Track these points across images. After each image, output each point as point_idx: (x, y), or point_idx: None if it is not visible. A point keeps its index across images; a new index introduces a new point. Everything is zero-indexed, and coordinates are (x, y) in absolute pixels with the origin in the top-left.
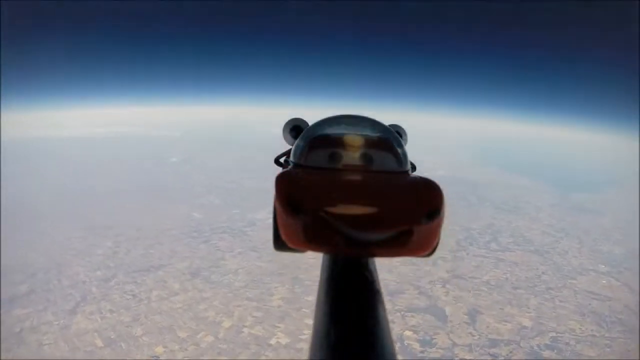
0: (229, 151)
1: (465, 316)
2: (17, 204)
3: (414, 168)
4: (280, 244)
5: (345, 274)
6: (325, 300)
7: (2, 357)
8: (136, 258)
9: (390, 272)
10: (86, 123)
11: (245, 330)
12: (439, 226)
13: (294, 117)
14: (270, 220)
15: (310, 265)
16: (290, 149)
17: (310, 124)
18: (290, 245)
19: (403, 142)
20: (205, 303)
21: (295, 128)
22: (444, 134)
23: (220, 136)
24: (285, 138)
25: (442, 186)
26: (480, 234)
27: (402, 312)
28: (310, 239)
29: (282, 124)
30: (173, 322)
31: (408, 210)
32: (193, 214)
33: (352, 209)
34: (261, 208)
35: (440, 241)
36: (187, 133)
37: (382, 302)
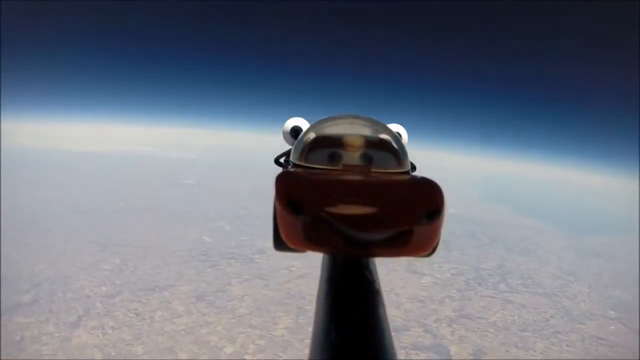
0: (243, 177)
1: (470, 357)
2: (30, 213)
3: (413, 168)
4: (280, 244)
5: (345, 274)
6: (325, 300)
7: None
8: (142, 277)
9: (397, 308)
10: (106, 139)
11: (247, 357)
12: (439, 226)
13: (293, 117)
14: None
15: (315, 296)
16: (290, 149)
17: (310, 124)
18: (290, 245)
19: (403, 142)
20: (209, 327)
21: (295, 128)
22: (457, 171)
23: (235, 161)
24: (285, 138)
25: (442, 187)
26: (490, 275)
27: (407, 349)
28: (310, 239)
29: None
30: (174, 343)
31: (408, 210)
32: (203, 238)
33: (352, 209)
34: (272, 237)
35: (440, 241)
36: (203, 156)
37: (382, 302)
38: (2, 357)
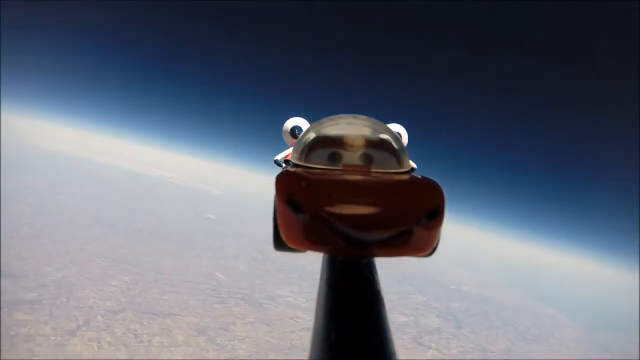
0: (264, 221)
1: None
2: (51, 216)
3: (413, 168)
4: (280, 244)
5: (345, 274)
6: (325, 300)
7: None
8: (148, 300)
9: None
10: (140, 159)
11: None
12: (438, 226)
13: (293, 117)
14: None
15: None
16: (290, 149)
17: (310, 124)
18: (290, 245)
19: (403, 142)
20: None
21: (295, 128)
22: (477, 250)
23: (261, 204)
24: (285, 138)
25: (442, 187)
26: (497, 358)
27: None
28: (310, 239)
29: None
30: None
31: (408, 210)
32: (216, 273)
33: (352, 208)
34: (284, 285)
35: (440, 241)
36: (229, 193)
37: (382, 302)
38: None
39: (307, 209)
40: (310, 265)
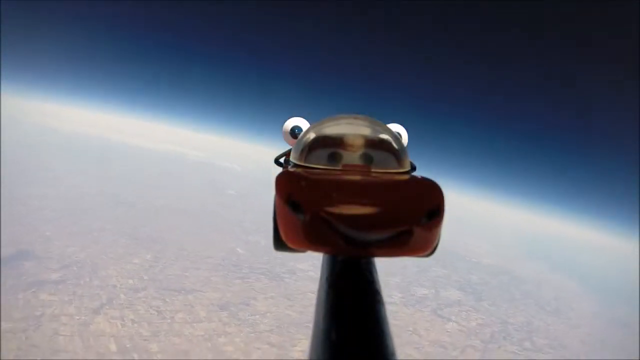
0: None
1: None
2: (73, 197)
3: (413, 168)
4: (280, 244)
5: (345, 274)
6: (325, 300)
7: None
8: (170, 277)
9: (418, 350)
10: (161, 138)
11: None
12: (439, 226)
13: (293, 117)
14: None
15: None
16: (290, 149)
17: (310, 124)
18: (290, 245)
19: (403, 142)
20: (227, 337)
21: (295, 128)
22: (499, 222)
23: None
24: (285, 138)
25: (442, 188)
26: (517, 330)
27: None
28: (310, 239)
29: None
30: (190, 347)
31: (408, 210)
32: (237, 249)
33: (352, 209)
34: (304, 259)
35: (440, 241)
36: (250, 169)
37: (382, 302)
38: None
39: (307, 209)
40: None
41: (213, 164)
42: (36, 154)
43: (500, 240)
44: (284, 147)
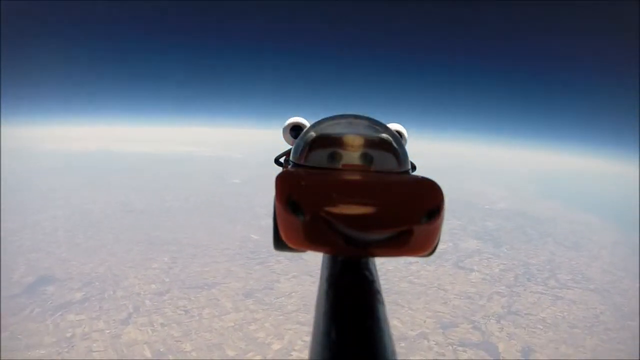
0: None
1: (519, 354)
2: (82, 214)
3: (414, 168)
4: (280, 244)
5: (345, 274)
6: (325, 300)
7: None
8: (191, 275)
9: (445, 304)
10: (153, 140)
11: (294, 354)
12: (439, 226)
13: (293, 116)
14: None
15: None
16: (290, 149)
17: (310, 123)
18: (290, 245)
19: (403, 142)
20: (257, 324)
21: (295, 128)
22: (507, 166)
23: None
24: (285, 138)
25: (442, 188)
26: (539, 270)
27: (454, 346)
28: (310, 239)
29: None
30: (223, 340)
31: (408, 210)
32: (251, 236)
33: (352, 208)
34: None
35: (440, 240)
36: (250, 154)
37: (382, 302)
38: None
39: (307, 209)
40: None
41: (214, 157)
42: (39, 178)
43: (509, 183)
44: (284, 147)
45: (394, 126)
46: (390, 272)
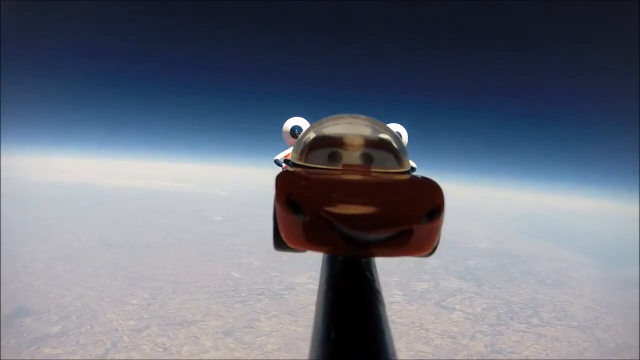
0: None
1: None
2: (62, 247)
3: (413, 168)
4: (280, 243)
5: (345, 274)
6: (325, 300)
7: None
8: (170, 311)
9: (427, 344)
10: (139, 175)
11: None
12: (439, 226)
13: (293, 117)
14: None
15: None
16: (290, 149)
17: (310, 124)
18: (290, 245)
19: (403, 142)
20: None
21: (295, 128)
22: (489, 205)
23: (265, 198)
24: (285, 138)
25: (442, 186)
26: (522, 308)
27: None
28: (310, 239)
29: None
30: None
31: (408, 210)
32: (232, 273)
33: (352, 208)
34: (301, 273)
35: (440, 241)
36: (235, 193)
37: (382, 302)
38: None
39: (307, 209)
40: None
41: (196, 193)
42: (21, 208)
43: (491, 222)
44: (282, 148)
45: (394, 126)
46: None
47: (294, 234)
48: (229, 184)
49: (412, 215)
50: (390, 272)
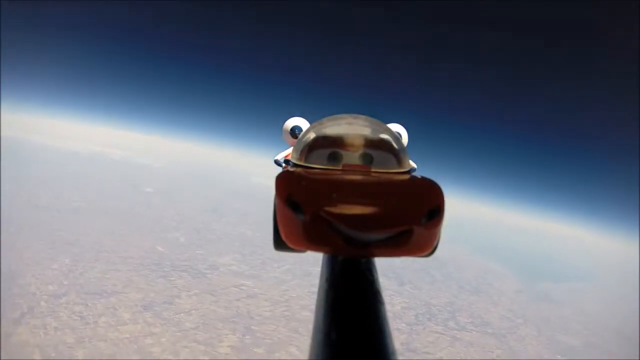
0: (205, 192)
1: None
2: None
3: (414, 168)
4: (280, 243)
5: (345, 274)
6: (325, 300)
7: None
8: (91, 280)
9: None
10: (76, 137)
11: None
12: (439, 226)
13: (293, 117)
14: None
15: (264, 318)
16: (290, 149)
17: (310, 124)
18: (290, 245)
19: (403, 142)
20: (153, 338)
21: (295, 128)
22: None
23: (200, 176)
24: (285, 138)
25: (442, 188)
26: (440, 311)
27: None
28: (310, 239)
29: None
30: (116, 351)
31: (408, 210)
32: (157, 247)
33: (352, 208)
34: (226, 253)
35: (440, 241)
36: (170, 166)
37: (382, 302)
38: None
39: (307, 209)
40: (250, 232)
41: (131, 162)
42: None
43: None
44: (282, 148)
45: (394, 126)
46: (294, 299)
47: (294, 234)
48: (165, 156)
49: (412, 216)
50: (315, 266)
